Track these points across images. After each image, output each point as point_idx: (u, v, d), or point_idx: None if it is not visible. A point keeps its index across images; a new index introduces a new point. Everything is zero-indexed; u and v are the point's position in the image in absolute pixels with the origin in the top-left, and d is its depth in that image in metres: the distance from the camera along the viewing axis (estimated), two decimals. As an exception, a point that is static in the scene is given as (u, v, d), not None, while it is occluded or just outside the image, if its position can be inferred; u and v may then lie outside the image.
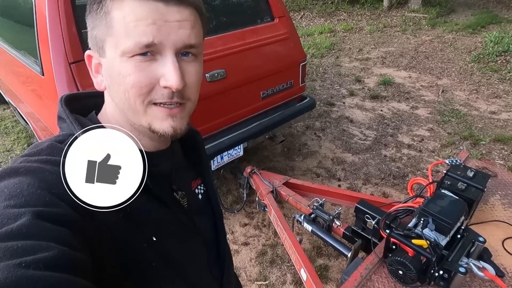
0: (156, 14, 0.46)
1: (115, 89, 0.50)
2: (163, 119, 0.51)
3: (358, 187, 2.79)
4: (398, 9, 8.91)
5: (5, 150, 3.41)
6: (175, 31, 0.47)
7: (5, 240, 0.35)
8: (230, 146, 2.25)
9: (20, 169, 0.43)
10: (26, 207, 0.38)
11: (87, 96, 0.62)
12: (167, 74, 0.48)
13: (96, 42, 0.50)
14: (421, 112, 3.93)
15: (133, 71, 0.47)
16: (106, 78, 0.52)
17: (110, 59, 0.49)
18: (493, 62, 5.06)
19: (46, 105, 1.96)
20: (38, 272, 0.34)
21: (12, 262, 0.33)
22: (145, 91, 0.48)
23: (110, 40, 0.48)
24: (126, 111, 0.52)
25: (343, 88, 4.66)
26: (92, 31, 0.51)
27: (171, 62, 0.48)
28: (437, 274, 0.98)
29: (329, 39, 6.85)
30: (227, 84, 2.10)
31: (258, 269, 2.11)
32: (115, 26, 0.47)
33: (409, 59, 5.58)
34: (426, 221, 1.03)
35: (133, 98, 0.49)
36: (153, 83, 0.49)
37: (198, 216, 0.65)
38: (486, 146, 3.24)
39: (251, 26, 2.37)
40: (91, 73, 0.55)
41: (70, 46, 1.65)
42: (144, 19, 0.46)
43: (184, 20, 0.48)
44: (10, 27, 2.60)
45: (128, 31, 0.46)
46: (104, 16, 0.47)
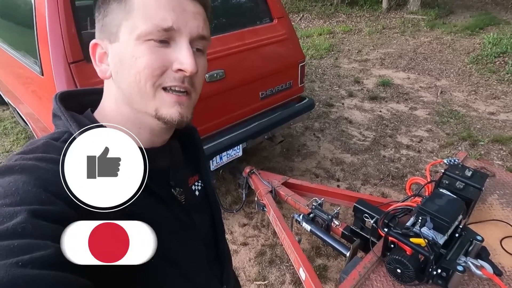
0: (175, 2, 0.49)
1: (125, 73, 0.51)
2: (170, 105, 0.51)
3: (357, 188, 2.80)
4: (397, 11, 8.94)
5: (4, 151, 3.40)
6: (192, 20, 0.50)
7: (1, 239, 0.35)
8: (229, 146, 2.26)
9: (16, 167, 0.43)
10: (22, 205, 0.38)
11: (84, 93, 0.62)
12: (182, 58, 0.49)
13: (108, 29, 0.51)
14: (420, 113, 3.94)
15: (147, 53, 0.49)
16: (115, 64, 0.52)
17: (124, 42, 0.50)
18: (491, 64, 5.08)
19: (46, 105, 1.96)
20: (35, 271, 0.34)
21: (9, 261, 0.33)
22: (157, 73, 0.49)
23: (127, 24, 0.49)
24: (133, 96, 0.52)
25: (342, 89, 4.67)
26: (103, 19, 0.52)
27: (187, 47, 0.50)
28: (435, 272, 0.99)
29: (328, 40, 6.86)
30: (226, 85, 2.11)
31: (257, 269, 2.12)
32: (135, 10, 0.48)
33: (408, 61, 5.60)
34: (424, 220, 1.04)
35: (144, 79, 0.49)
36: (166, 66, 0.50)
37: (196, 213, 0.65)
38: (485, 146, 3.25)
39: (250, 27, 2.38)
40: (94, 63, 0.55)
41: (70, 46, 1.66)
42: (164, 5, 0.48)
43: (197, 13, 0.51)
44: (9, 27, 2.60)
45: (148, 14, 0.48)
46: (124, 2, 0.49)
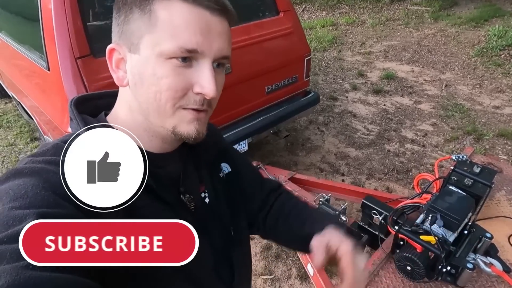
0: (202, 22, 0.47)
1: (143, 88, 0.50)
2: (189, 122, 0.51)
3: (361, 182, 2.80)
4: (401, 2, 8.82)
5: (8, 144, 3.41)
6: (216, 42, 0.48)
7: (11, 242, 0.36)
8: (235, 141, 2.26)
9: (25, 170, 0.44)
10: (31, 208, 0.39)
11: (99, 96, 0.61)
12: (204, 82, 0.48)
13: (129, 37, 0.49)
14: (424, 107, 3.92)
15: (170, 74, 0.48)
16: (133, 75, 0.51)
17: (145, 57, 0.48)
18: (496, 56, 5.03)
19: (52, 99, 1.96)
20: (45, 273, 0.34)
21: (20, 264, 0.34)
22: (179, 95, 0.49)
23: (149, 38, 0.47)
24: (150, 111, 0.51)
25: (346, 82, 4.65)
26: (124, 25, 0.50)
27: (209, 70, 0.49)
28: (445, 270, 1.00)
29: (331, 32, 6.80)
30: (232, 79, 2.10)
31: (264, 263, 2.14)
32: (159, 26, 0.46)
33: (412, 53, 5.55)
34: (435, 217, 1.04)
35: (165, 100, 0.49)
36: (187, 88, 0.49)
37: (206, 220, 0.63)
38: (490, 141, 3.24)
39: (256, 21, 2.36)
40: (110, 68, 0.53)
41: (76, 41, 1.65)
42: (192, 25, 0.46)
43: (223, 32, 0.50)
44: (14, 21, 2.59)
45: (174, 33, 0.46)
46: (149, 14, 0.47)
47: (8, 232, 0.36)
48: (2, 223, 0.37)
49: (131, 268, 0.45)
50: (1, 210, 0.39)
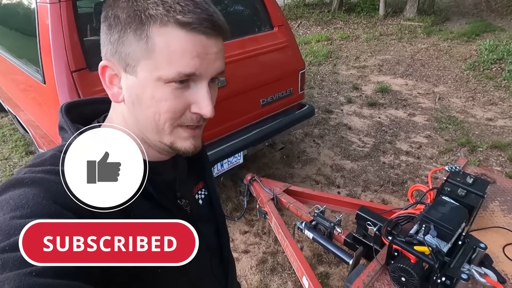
0: (199, 47, 0.47)
1: (141, 109, 0.51)
2: (186, 138, 0.53)
3: (357, 194, 2.80)
4: (394, 17, 9.03)
5: (3, 158, 3.39)
6: (212, 63, 0.50)
7: (13, 250, 0.36)
8: (230, 153, 2.26)
9: (25, 179, 0.44)
10: (32, 217, 0.39)
11: (84, 103, 0.62)
12: (201, 103, 0.50)
13: (124, 58, 0.49)
14: (419, 119, 3.96)
15: (170, 97, 0.49)
16: (130, 95, 0.51)
17: (142, 80, 0.49)
18: (488, 70, 5.13)
19: (47, 113, 1.97)
20: (49, 280, 0.35)
21: (23, 271, 0.34)
22: (177, 115, 0.51)
23: (147, 63, 0.47)
24: (148, 129, 0.52)
25: (341, 95, 4.70)
26: (118, 45, 0.49)
27: (206, 91, 0.50)
28: (439, 280, 0.99)
29: (326, 47, 6.91)
30: (227, 92, 2.12)
31: (259, 277, 2.11)
32: (157, 52, 0.47)
33: (405, 67, 5.65)
34: (428, 228, 1.04)
35: (164, 120, 0.50)
36: (185, 109, 0.51)
37: (201, 221, 0.66)
38: (484, 152, 3.27)
39: (251, 35, 2.40)
40: (104, 84, 0.53)
41: (72, 55, 1.66)
42: (189, 52, 0.47)
43: (219, 51, 0.51)
44: (10, 35, 2.61)
45: (171, 60, 0.47)
46: (145, 40, 0.47)
47: (10, 241, 0.36)
48: (4, 232, 0.38)
49: (134, 275, 0.45)
50: (2, 219, 0.39)
